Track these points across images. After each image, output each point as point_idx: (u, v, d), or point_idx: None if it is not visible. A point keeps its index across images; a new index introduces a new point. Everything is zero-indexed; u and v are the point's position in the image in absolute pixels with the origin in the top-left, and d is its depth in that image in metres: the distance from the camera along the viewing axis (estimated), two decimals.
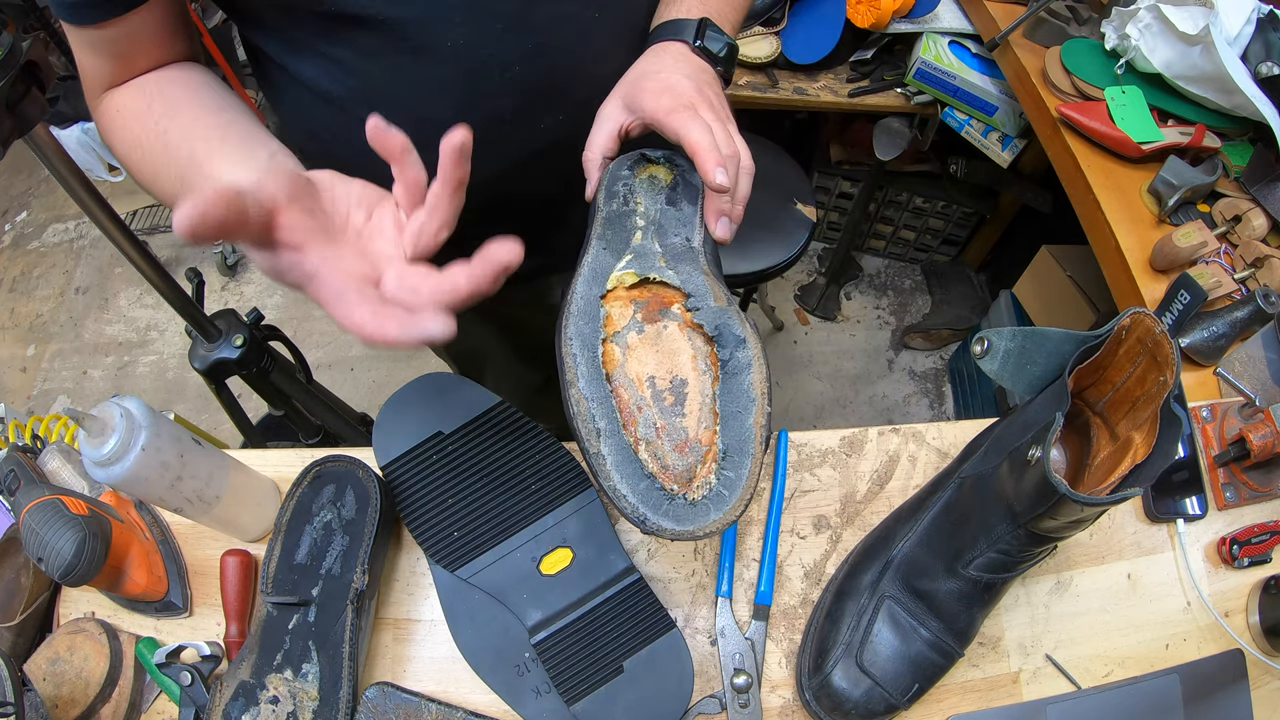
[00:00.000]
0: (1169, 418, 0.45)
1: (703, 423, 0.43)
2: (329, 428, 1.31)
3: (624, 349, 0.45)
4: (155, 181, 0.52)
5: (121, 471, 0.50)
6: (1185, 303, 0.80)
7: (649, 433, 0.43)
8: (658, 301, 0.47)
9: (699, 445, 0.43)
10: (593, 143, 0.54)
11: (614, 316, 0.46)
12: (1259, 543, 0.64)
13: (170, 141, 0.50)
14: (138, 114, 0.53)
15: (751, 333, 0.45)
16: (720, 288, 0.48)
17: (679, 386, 0.44)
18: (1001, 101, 1.35)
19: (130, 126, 0.53)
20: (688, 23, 0.57)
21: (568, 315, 0.46)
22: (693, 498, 0.41)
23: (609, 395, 0.43)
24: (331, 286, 0.39)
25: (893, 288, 2.11)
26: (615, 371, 0.44)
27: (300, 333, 2.07)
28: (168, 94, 0.53)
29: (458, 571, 0.58)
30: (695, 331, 0.46)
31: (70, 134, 1.90)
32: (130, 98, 0.54)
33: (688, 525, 0.40)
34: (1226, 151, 0.97)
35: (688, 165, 0.54)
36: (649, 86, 0.51)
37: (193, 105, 0.53)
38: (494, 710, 0.57)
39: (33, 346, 2.14)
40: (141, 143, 0.52)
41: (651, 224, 0.51)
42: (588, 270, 0.48)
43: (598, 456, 0.42)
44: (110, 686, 0.58)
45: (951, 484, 0.59)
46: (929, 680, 0.56)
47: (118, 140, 0.54)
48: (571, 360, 0.43)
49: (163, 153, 0.50)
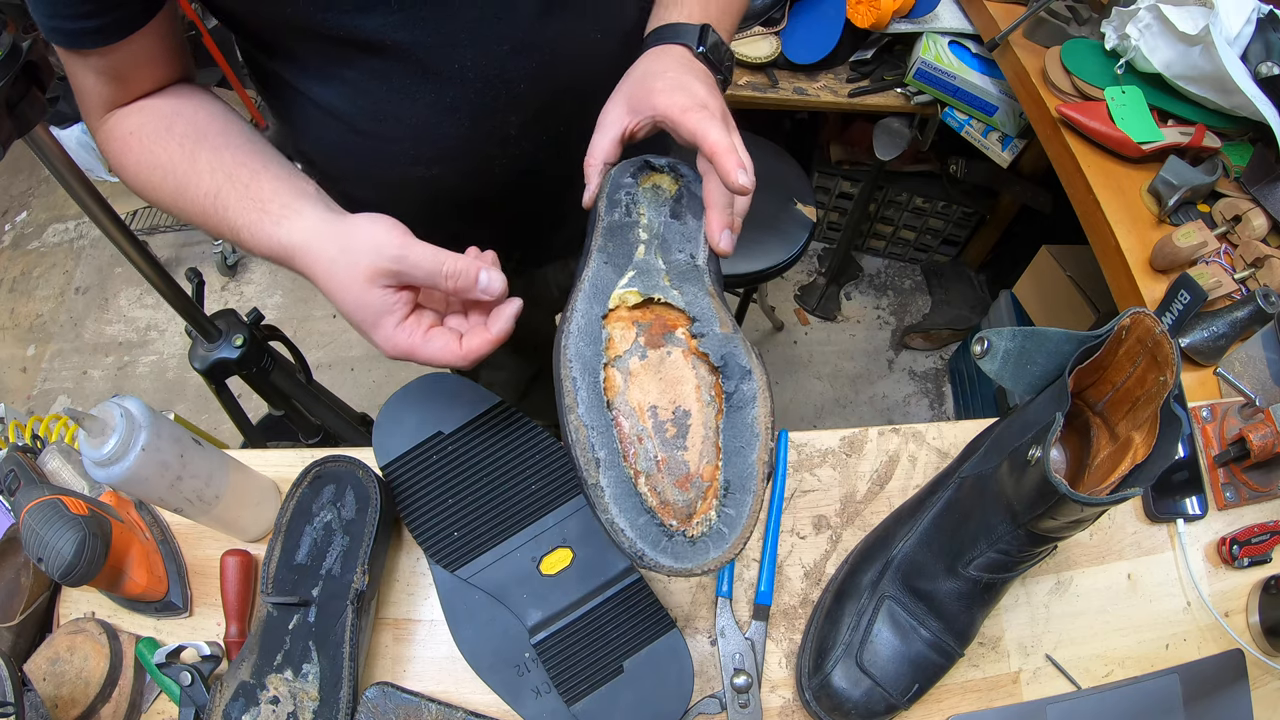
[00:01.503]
0: (1169, 418, 0.45)
1: (705, 457, 0.41)
2: (329, 428, 1.31)
3: (625, 375, 0.43)
4: (178, 200, 0.53)
5: (121, 471, 0.50)
6: (1185, 303, 0.80)
7: (649, 465, 0.41)
8: (661, 325, 0.45)
9: (700, 480, 0.41)
10: (594, 148, 0.53)
11: (615, 339, 0.44)
12: (1259, 543, 0.64)
13: (200, 164, 0.52)
14: (156, 136, 0.53)
15: (757, 363, 0.44)
16: (725, 312, 0.46)
17: (681, 418, 0.42)
18: (1001, 101, 1.35)
19: (149, 148, 0.53)
20: (689, 27, 0.56)
21: (567, 334, 0.44)
22: (692, 535, 0.39)
23: (610, 424, 0.41)
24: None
25: (893, 288, 2.11)
26: (616, 399, 0.42)
27: (300, 333, 2.07)
28: (187, 117, 0.54)
29: (458, 571, 0.58)
30: (700, 360, 0.44)
31: (70, 134, 1.90)
32: (144, 120, 0.54)
33: (686, 563, 0.39)
34: (1226, 151, 0.97)
35: (693, 176, 0.53)
36: (659, 86, 0.50)
37: (219, 130, 0.54)
38: (494, 710, 0.57)
39: (33, 346, 2.14)
40: (162, 164, 0.53)
41: (655, 237, 0.50)
42: (588, 286, 0.46)
43: (596, 488, 0.40)
44: (110, 686, 0.58)
45: (951, 484, 0.59)
46: (929, 680, 0.56)
47: (130, 161, 0.54)
48: (571, 385, 0.42)
49: (189, 173, 0.52)
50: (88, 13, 0.48)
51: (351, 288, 0.46)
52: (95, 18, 0.48)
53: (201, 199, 0.52)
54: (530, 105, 0.59)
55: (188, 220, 0.55)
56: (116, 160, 0.56)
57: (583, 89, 0.60)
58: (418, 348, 0.47)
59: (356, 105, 0.58)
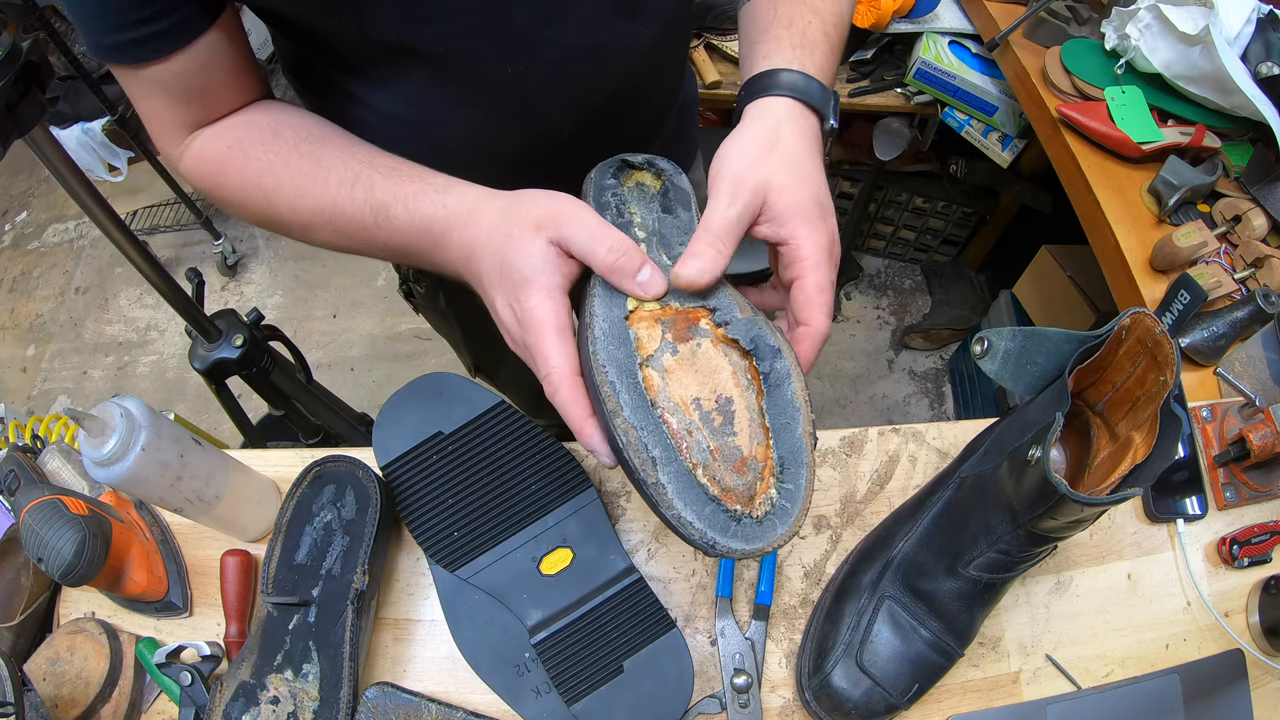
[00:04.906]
0: (1169, 418, 0.45)
1: (755, 439, 0.42)
2: (329, 428, 1.31)
3: (661, 373, 0.43)
4: (299, 199, 0.50)
5: (121, 471, 0.50)
6: (1185, 303, 0.80)
7: (704, 456, 0.41)
8: (684, 319, 0.45)
9: (755, 462, 0.42)
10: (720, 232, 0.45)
11: (643, 339, 0.44)
12: (1259, 543, 0.64)
13: (327, 159, 0.50)
14: (263, 142, 0.51)
15: (784, 340, 0.44)
16: (740, 296, 0.47)
17: (725, 405, 0.43)
18: (1001, 101, 1.35)
19: (258, 156, 0.51)
20: (813, 86, 0.50)
21: (593, 339, 0.43)
22: (757, 515, 0.40)
23: (659, 423, 0.41)
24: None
25: (893, 288, 2.11)
26: (658, 397, 0.42)
27: (300, 333, 2.07)
28: (293, 125, 0.52)
29: (458, 571, 0.58)
30: (730, 346, 0.45)
31: (70, 134, 1.90)
32: (242, 134, 0.52)
33: (758, 543, 0.39)
34: (1226, 151, 0.97)
35: (672, 169, 0.53)
36: (792, 206, 0.45)
37: (337, 133, 0.52)
38: (494, 710, 0.57)
39: (33, 346, 2.14)
40: (275, 168, 0.50)
41: (653, 235, 0.50)
42: (600, 288, 0.45)
43: (657, 486, 0.40)
44: (110, 686, 0.58)
45: (951, 484, 0.59)
46: (929, 680, 0.56)
47: (232, 174, 0.51)
48: (610, 389, 0.41)
49: (314, 170, 0.49)
50: (147, 17, 0.44)
51: (515, 235, 0.43)
52: (153, 23, 0.45)
53: (334, 187, 0.49)
54: (583, 107, 0.59)
55: (308, 222, 0.51)
56: (211, 181, 0.53)
57: (632, 86, 0.60)
58: (550, 330, 0.42)
59: (410, 112, 0.57)
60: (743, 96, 0.52)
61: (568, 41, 0.54)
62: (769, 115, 0.49)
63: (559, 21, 0.53)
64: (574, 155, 0.61)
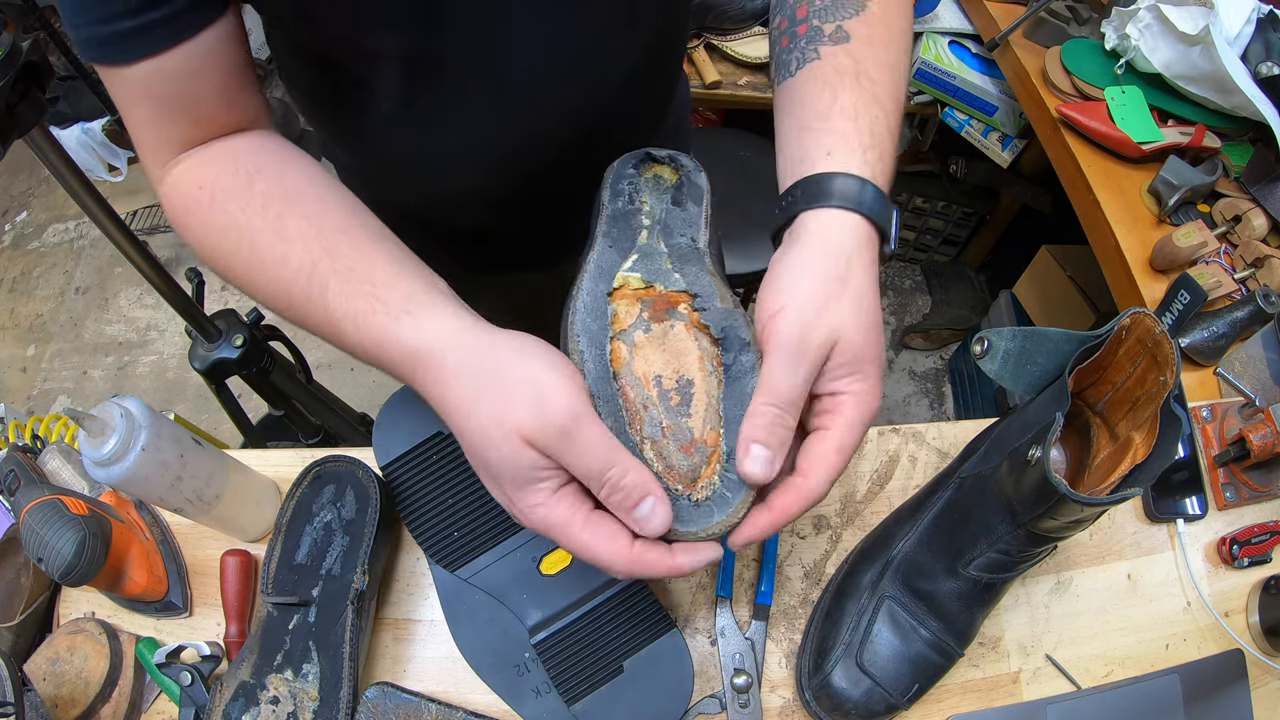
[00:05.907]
0: (1169, 418, 0.45)
1: (708, 423, 0.43)
2: (329, 428, 1.31)
3: (630, 347, 0.45)
4: (253, 275, 0.45)
5: (121, 471, 0.50)
6: (1185, 303, 0.80)
7: (655, 432, 0.43)
8: (664, 301, 0.47)
9: (704, 446, 0.43)
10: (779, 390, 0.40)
11: (620, 314, 0.46)
12: (1259, 543, 0.64)
13: (289, 231, 0.43)
14: (233, 193, 0.45)
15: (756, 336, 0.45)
16: (726, 289, 0.48)
17: (685, 387, 0.44)
18: (1001, 101, 1.35)
19: (224, 207, 0.45)
20: (884, 203, 0.44)
21: (574, 310, 0.45)
22: (697, 498, 0.41)
23: (616, 394, 0.43)
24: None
25: (893, 288, 2.11)
26: (622, 369, 0.44)
27: (300, 332, 2.06)
28: (270, 173, 0.46)
29: (458, 571, 0.58)
30: (702, 332, 0.46)
31: (70, 134, 1.90)
32: (219, 174, 0.46)
33: (691, 526, 0.40)
34: (1226, 151, 0.97)
35: (692, 166, 0.54)
36: (854, 362, 0.42)
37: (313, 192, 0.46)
38: (494, 710, 0.57)
39: (33, 346, 2.14)
40: (239, 224, 0.44)
41: (657, 223, 0.51)
42: (594, 267, 0.48)
43: None
44: (110, 686, 0.58)
45: (951, 484, 0.59)
46: (929, 680, 0.56)
47: (198, 220, 0.46)
48: (579, 357, 0.43)
49: (273, 243, 0.43)
50: (134, 8, 0.40)
51: (498, 443, 0.38)
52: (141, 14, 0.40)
53: (291, 274, 0.42)
54: (584, 119, 0.59)
55: (265, 302, 0.45)
56: (178, 220, 0.48)
57: (630, 92, 0.60)
58: (574, 530, 0.38)
59: (412, 117, 0.57)
60: (798, 197, 0.44)
61: (570, 51, 0.54)
62: (837, 241, 0.43)
63: (564, 30, 0.53)
64: (570, 159, 0.61)
